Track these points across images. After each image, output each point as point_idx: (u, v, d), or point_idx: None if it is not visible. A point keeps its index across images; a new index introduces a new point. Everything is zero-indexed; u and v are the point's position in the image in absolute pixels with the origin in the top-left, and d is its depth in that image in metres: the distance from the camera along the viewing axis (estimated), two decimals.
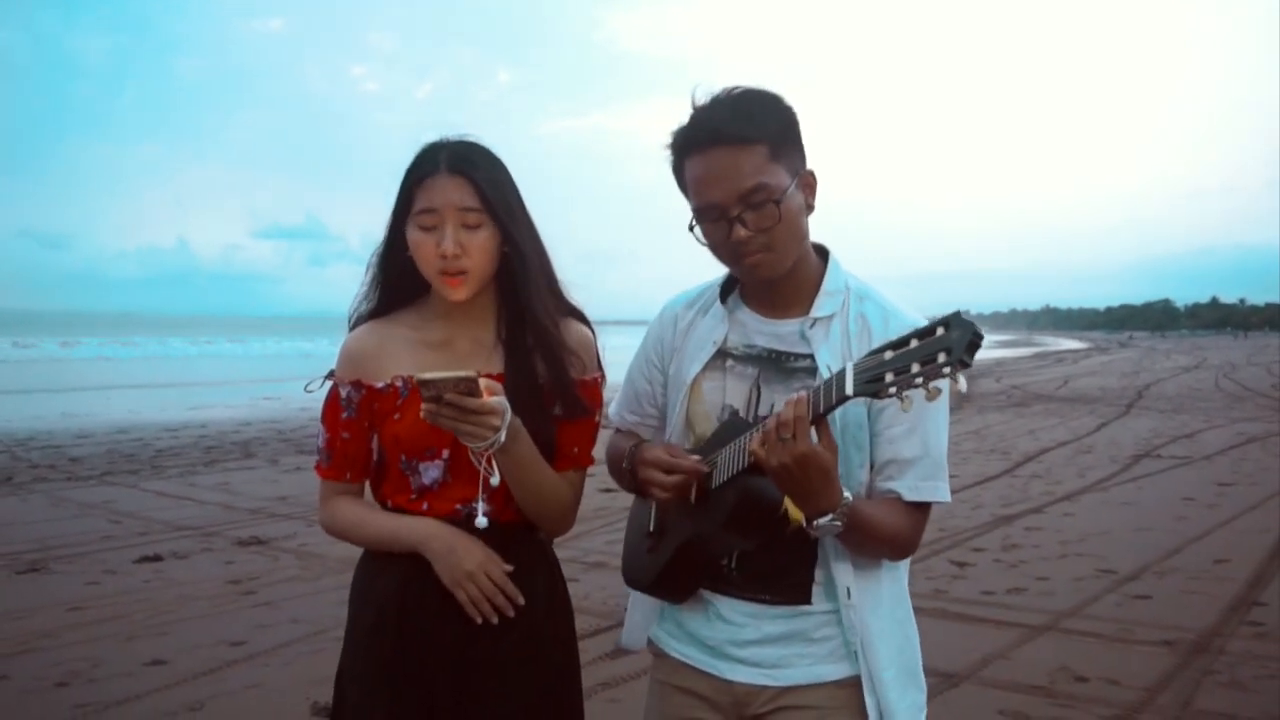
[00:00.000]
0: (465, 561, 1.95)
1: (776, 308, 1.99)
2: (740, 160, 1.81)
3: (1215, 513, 8.91)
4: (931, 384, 1.47)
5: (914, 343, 1.50)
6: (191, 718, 4.45)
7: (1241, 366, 39.55)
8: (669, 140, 1.92)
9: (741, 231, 1.83)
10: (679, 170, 1.92)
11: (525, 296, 2.01)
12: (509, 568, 1.98)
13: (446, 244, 1.92)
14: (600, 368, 2.13)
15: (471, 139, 2.03)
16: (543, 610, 2.07)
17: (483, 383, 1.80)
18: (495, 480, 1.90)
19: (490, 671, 1.99)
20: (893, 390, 1.51)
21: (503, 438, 1.83)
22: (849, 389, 1.57)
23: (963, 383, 1.46)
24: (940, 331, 1.47)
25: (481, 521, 1.94)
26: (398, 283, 2.08)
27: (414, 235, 1.96)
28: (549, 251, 2.09)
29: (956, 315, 1.47)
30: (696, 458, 1.90)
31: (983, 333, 1.46)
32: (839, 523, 1.70)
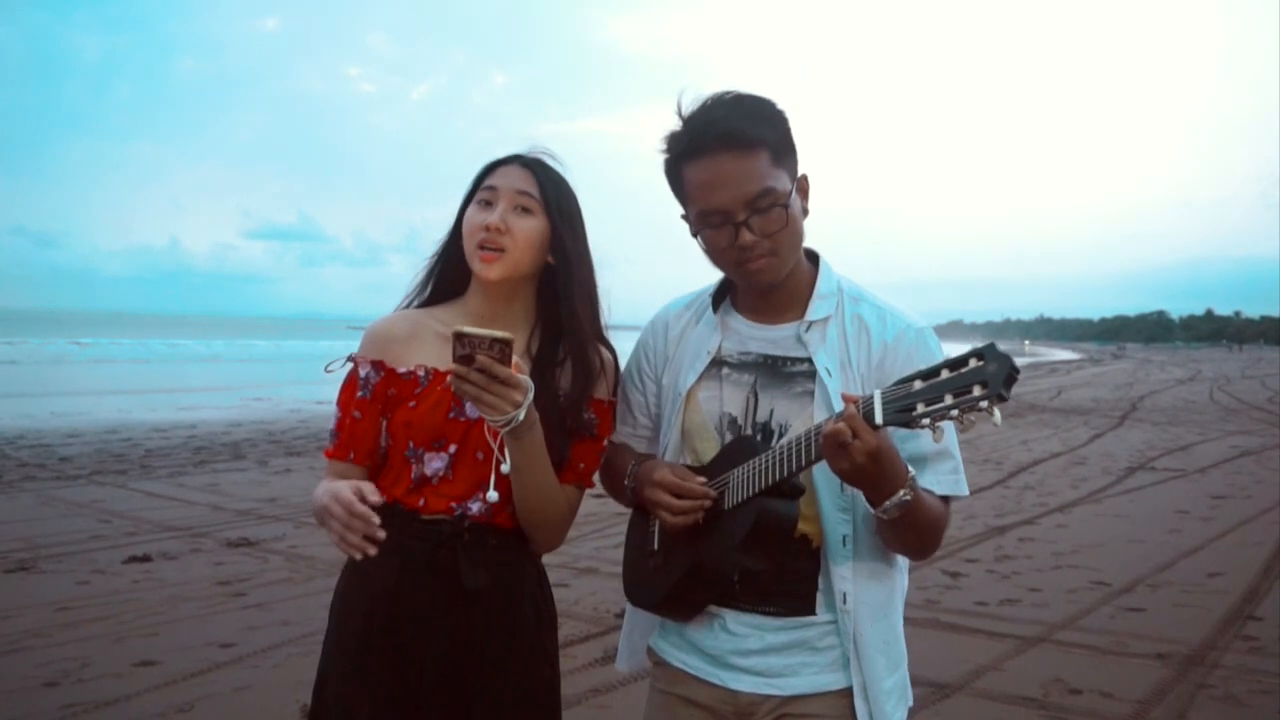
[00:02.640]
0: (319, 498, 1.88)
1: (770, 313, 1.99)
2: (746, 165, 1.81)
3: (1209, 526, 8.91)
4: (966, 416, 1.46)
5: (945, 373, 1.49)
6: (181, 719, 4.42)
7: (1236, 379, 39.67)
8: (663, 145, 1.90)
9: (748, 236, 1.82)
10: (676, 175, 1.90)
11: (569, 303, 2.04)
12: (373, 499, 1.78)
13: (494, 216, 1.97)
14: (614, 392, 2.14)
15: (559, 166, 2.09)
16: (531, 621, 2.07)
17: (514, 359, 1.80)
18: (506, 467, 1.90)
19: (476, 678, 1.99)
20: (925, 421, 1.50)
21: (521, 415, 1.82)
22: (878, 419, 1.56)
23: (998, 416, 1.44)
24: (974, 363, 1.45)
25: (493, 495, 1.94)
26: (450, 275, 2.12)
27: (469, 212, 2.03)
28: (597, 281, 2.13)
29: (991, 347, 1.45)
30: (702, 480, 1.88)
31: (1019, 366, 1.44)
32: (908, 497, 1.68)
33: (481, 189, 2.02)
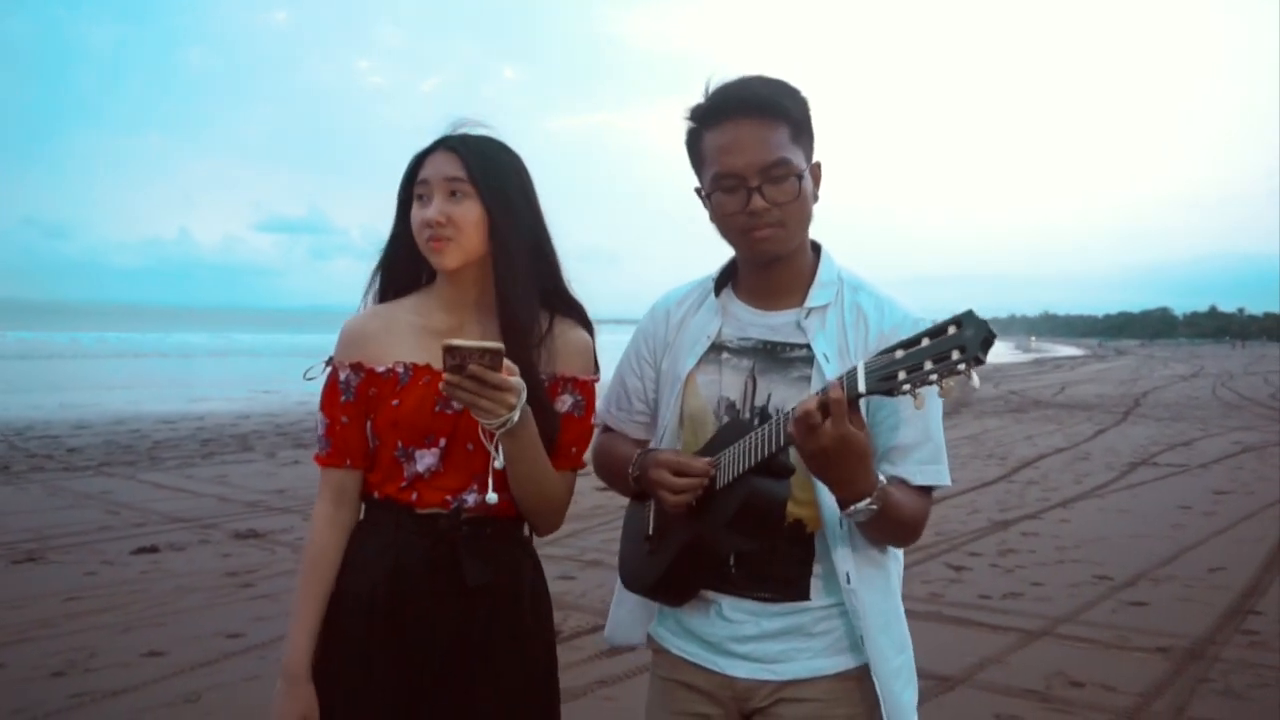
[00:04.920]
0: (278, 704, 2.01)
1: (770, 299, 2.00)
2: (767, 133, 1.85)
3: (1211, 521, 8.93)
4: (945, 381, 1.47)
5: (926, 341, 1.50)
6: (189, 709, 4.45)
7: (1239, 376, 39.62)
8: (688, 112, 1.94)
9: (759, 202, 1.85)
10: (696, 141, 1.94)
11: (499, 275, 2.01)
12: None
13: (430, 211, 1.96)
14: (596, 370, 2.13)
15: (483, 130, 2.06)
16: (529, 609, 2.08)
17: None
18: (499, 463, 1.89)
19: (479, 669, 2.00)
20: (906, 388, 1.51)
21: (516, 417, 1.82)
22: (861, 387, 1.57)
23: (976, 379, 1.46)
24: (953, 330, 1.47)
25: (492, 498, 1.93)
26: (402, 268, 2.11)
27: (412, 209, 2.01)
28: (555, 248, 2.10)
29: (969, 314, 1.46)
30: (706, 460, 1.88)
31: (995, 331, 1.46)
32: (875, 506, 1.69)
33: (416, 184, 2.01)
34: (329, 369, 2.09)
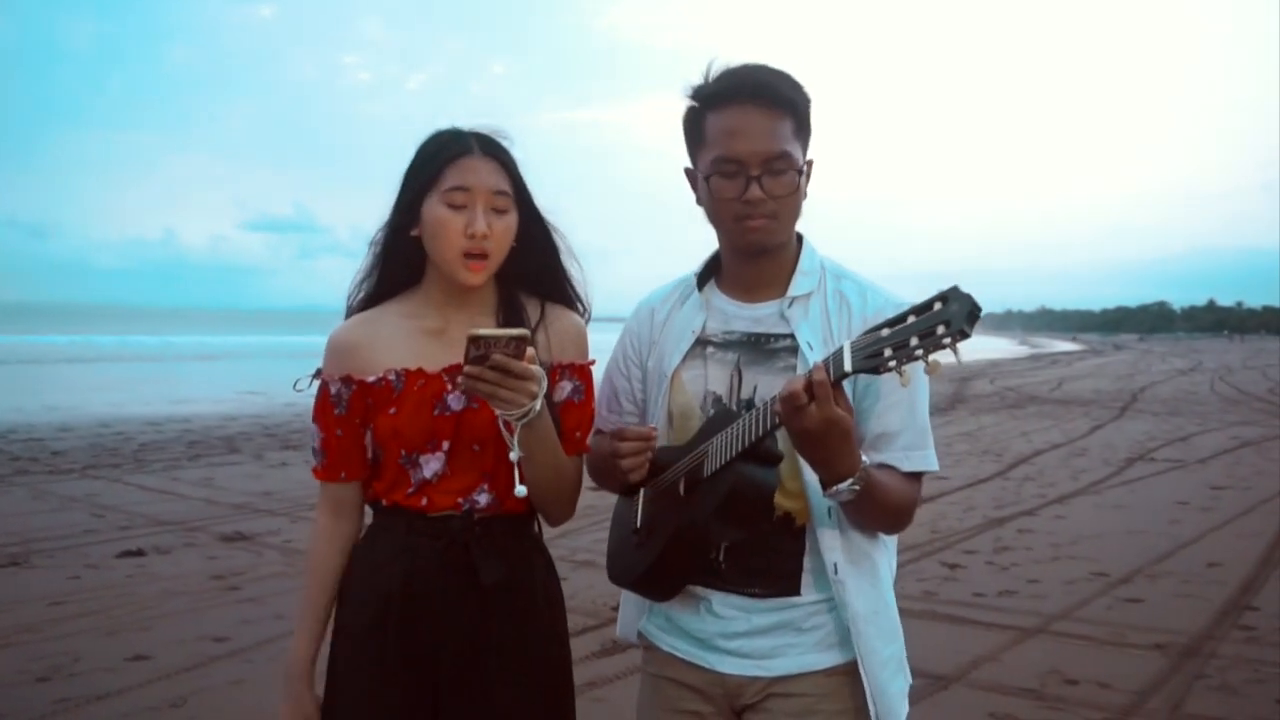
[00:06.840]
0: (281, 708, 2.05)
1: (753, 291, 2.00)
2: (772, 123, 1.85)
3: (1208, 516, 8.91)
4: (931, 357, 1.47)
5: (911, 318, 1.49)
6: (174, 714, 4.42)
7: (1237, 370, 39.69)
8: (690, 90, 1.92)
9: (756, 192, 1.85)
10: (698, 121, 1.92)
11: (556, 276, 2.08)
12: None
13: (479, 224, 1.91)
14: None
15: (495, 129, 2.03)
16: (542, 606, 2.08)
17: None
18: (515, 455, 1.86)
19: (494, 666, 1.99)
20: (891, 364, 1.51)
21: (538, 406, 1.81)
22: (847, 366, 1.57)
23: (959, 355, 1.46)
24: (938, 306, 1.46)
25: (521, 490, 1.89)
26: (397, 267, 2.07)
27: (439, 212, 1.93)
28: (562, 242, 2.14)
29: (955, 289, 1.46)
30: (651, 426, 1.93)
31: (981, 305, 1.45)
32: (858, 487, 1.69)
33: (450, 189, 1.92)
34: (319, 381, 2.07)
